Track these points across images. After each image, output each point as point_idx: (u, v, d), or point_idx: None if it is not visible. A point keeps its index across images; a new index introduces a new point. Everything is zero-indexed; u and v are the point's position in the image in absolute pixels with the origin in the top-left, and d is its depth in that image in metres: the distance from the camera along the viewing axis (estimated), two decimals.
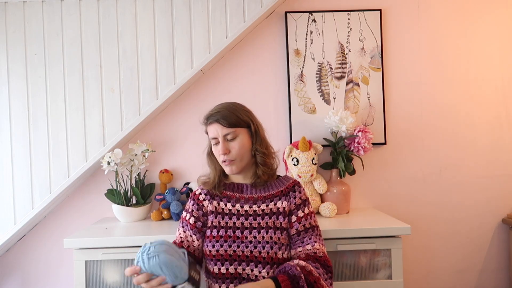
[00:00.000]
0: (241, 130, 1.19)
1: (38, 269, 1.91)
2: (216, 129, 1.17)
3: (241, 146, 1.17)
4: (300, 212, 1.20)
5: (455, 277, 1.97)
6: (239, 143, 1.17)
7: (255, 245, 1.13)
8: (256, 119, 1.25)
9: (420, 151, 1.97)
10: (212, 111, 1.20)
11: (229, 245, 1.14)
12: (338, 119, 1.77)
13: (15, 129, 1.77)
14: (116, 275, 1.49)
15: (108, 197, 1.80)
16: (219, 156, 1.19)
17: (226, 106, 1.20)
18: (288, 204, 1.20)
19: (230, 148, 1.17)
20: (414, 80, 1.96)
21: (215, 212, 1.21)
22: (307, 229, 1.18)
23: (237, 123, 1.17)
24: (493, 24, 1.97)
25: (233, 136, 1.17)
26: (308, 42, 1.92)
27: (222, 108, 1.19)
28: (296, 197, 1.21)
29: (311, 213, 1.22)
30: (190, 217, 1.22)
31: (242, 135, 1.18)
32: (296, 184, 1.24)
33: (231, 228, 1.17)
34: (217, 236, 1.16)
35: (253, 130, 1.21)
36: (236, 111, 1.19)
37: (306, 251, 1.14)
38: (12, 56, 1.76)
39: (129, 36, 1.77)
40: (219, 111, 1.18)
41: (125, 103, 1.77)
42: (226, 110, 1.18)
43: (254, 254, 1.13)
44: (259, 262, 1.12)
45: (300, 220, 1.19)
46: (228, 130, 1.16)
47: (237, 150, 1.17)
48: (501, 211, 1.98)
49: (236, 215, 1.19)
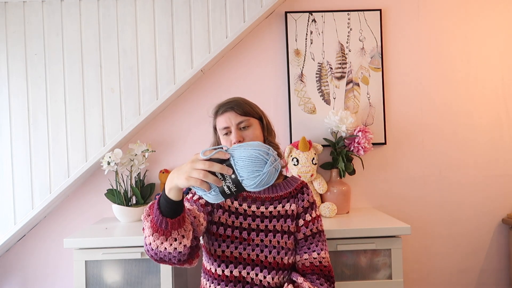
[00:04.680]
0: (254, 121, 1.17)
1: (38, 269, 1.91)
2: (229, 117, 1.14)
3: (254, 136, 1.15)
4: (308, 216, 1.18)
5: (455, 277, 1.97)
6: (253, 132, 1.15)
7: (262, 249, 1.11)
8: (263, 112, 1.24)
9: (420, 151, 1.97)
10: (224, 102, 1.19)
11: (235, 247, 1.10)
12: (338, 119, 1.77)
13: (15, 129, 1.76)
14: (116, 275, 1.49)
15: (108, 197, 1.80)
16: (231, 144, 1.13)
17: (238, 98, 1.20)
18: (297, 206, 1.19)
19: (243, 136, 1.14)
20: (414, 80, 1.96)
21: (223, 208, 1.16)
22: (314, 234, 1.17)
23: (251, 112, 1.17)
24: (493, 23, 1.97)
25: (246, 124, 1.15)
26: (308, 42, 1.92)
27: (234, 99, 1.19)
28: (304, 200, 1.20)
29: (318, 217, 1.21)
30: (195, 195, 1.15)
31: (255, 125, 1.17)
32: (305, 186, 1.23)
33: (237, 229, 1.13)
34: (223, 235, 1.12)
35: (265, 123, 1.20)
36: (248, 102, 1.20)
37: (311, 259, 1.13)
38: (12, 56, 1.76)
39: (129, 36, 1.77)
40: (231, 101, 1.17)
41: (125, 103, 1.77)
42: (240, 100, 1.18)
43: (260, 258, 1.10)
44: (264, 267, 1.09)
45: (308, 224, 1.17)
46: (242, 118, 1.14)
47: (251, 138, 1.14)
48: (501, 211, 1.98)
49: (243, 215, 1.15)
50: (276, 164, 0.81)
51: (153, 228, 0.89)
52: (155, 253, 0.93)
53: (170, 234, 0.89)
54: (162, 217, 0.87)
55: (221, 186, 0.80)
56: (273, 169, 0.80)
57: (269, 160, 0.80)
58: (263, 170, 0.79)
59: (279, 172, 1.21)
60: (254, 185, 0.80)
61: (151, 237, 0.90)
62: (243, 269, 1.09)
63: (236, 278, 1.09)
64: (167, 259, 0.95)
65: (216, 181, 0.79)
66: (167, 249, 0.91)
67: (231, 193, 0.81)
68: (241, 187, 0.81)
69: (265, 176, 0.79)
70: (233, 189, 0.81)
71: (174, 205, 0.87)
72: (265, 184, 0.80)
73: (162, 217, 0.87)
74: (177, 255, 0.93)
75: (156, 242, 0.91)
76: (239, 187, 0.81)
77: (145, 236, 0.94)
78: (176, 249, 0.92)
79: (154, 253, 0.94)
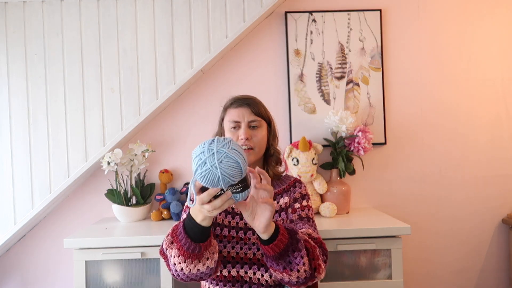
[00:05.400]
0: (264, 123, 1.19)
1: (38, 269, 1.91)
2: (243, 113, 1.16)
3: (262, 137, 1.17)
4: (297, 204, 1.16)
5: (455, 277, 1.97)
6: (261, 133, 1.17)
7: (258, 248, 1.11)
8: (275, 122, 1.26)
9: (420, 151, 1.97)
10: (241, 96, 1.20)
11: (232, 247, 1.12)
12: (338, 119, 1.77)
13: (15, 129, 1.77)
14: (116, 275, 1.49)
15: (108, 197, 1.80)
16: (238, 140, 1.16)
17: (253, 96, 1.22)
18: (289, 199, 1.18)
19: (252, 135, 1.16)
20: (414, 79, 1.96)
21: None
22: (302, 218, 1.14)
23: (263, 114, 1.19)
24: (493, 23, 1.97)
25: (257, 124, 1.17)
26: (308, 42, 1.92)
27: (250, 96, 1.21)
28: (296, 192, 1.19)
29: (309, 206, 1.18)
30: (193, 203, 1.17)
31: (264, 127, 1.19)
32: (297, 181, 1.23)
33: (234, 228, 1.14)
34: (220, 235, 1.13)
35: (272, 129, 1.23)
36: (263, 104, 1.22)
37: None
38: (12, 56, 1.76)
39: (129, 36, 1.77)
40: (248, 98, 1.19)
41: (125, 103, 1.77)
42: (256, 99, 1.20)
43: (257, 256, 1.11)
44: (261, 265, 1.10)
45: (296, 210, 1.15)
46: (255, 117, 1.16)
47: (259, 139, 1.16)
48: (501, 211, 1.98)
49: (240, 215, 1.16)
50: (219, 144, 0.82)
51: (185, 255, 0.92)
52: (187, 276, 0.97)
53: (203, 256, 0.94)
54: (195, 244, 0.91)
55: (233, 194, 0.84)
56: (221, 150, 0.81)
57: (208, 153, 0.81)
58: (218, 160, 0.80)
59: (277, 169, 1.23)
60: (238, 173, 0.81)
61: (182, 264, 0.94)
62: (240, 268, 1.11)
63: (234, 278, 1.10)
64: (199, 278, 0.99)
65: (227, 202, 0.84)
66: (200, 270, 0.95)
67: (242, 188, 0.84)
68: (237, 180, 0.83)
69: (227, 159, 0.80)
70: (239, 187, 0.84)
71: (206, 230, 0.92)
72: (239, 162, 0.81)
73: (194, 244, 0.91)
74: (209, 271, 0.98)
75: (189, 267, 0.94)
76: (238, 182, 0.83)
77: (173, 263, 0.96)
78: (209, 267, 0.97)
79: (186, 277, 0.97)
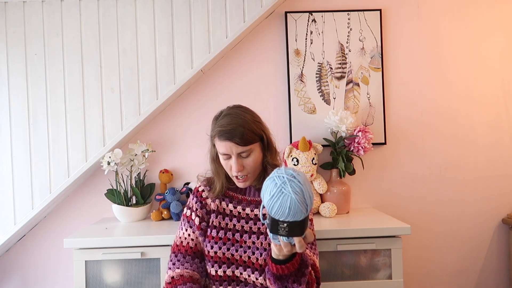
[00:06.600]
0: (255, 146, 1.14)
1: (38, 269, 1.91)
2: (230, 147, 1.10)
3: (254, 162, 1.14)
4: None
5: (455, 277, 1.97)
6: (253, 159, 1.13)
7: (253, 251, 1.13)
8: (265, 126, 1.19)
9: (420, 151, 1.97)
10: (224, 127, 1.11)
11: (227, 248, 1.14)
12: (338, 119, 1.77)
13: (15, 129, 1.76)
14: (116, 275, 1.49)
15: (108, 197, 1.80)
16: (231, 171, 1.15)
17: (240, 122, 1.11)
18: None
19: (244, 164, 1.13)
20: (414, 80, 1.96)
21: (216, 211, 1.20)
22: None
23: (252, 139, 1.11)
24: (493, 23, 1.97)
25: (247, 154, 1.12)
26: (308, 42, 1.92)
27: (236, 125, 1.10)
28: None
29: (311, 220, 1.20)
30: (195, 217, 1.20)
31: (256, 150, 1.14)
32: None
33: (230, 230, 1.16)
34: (216, 237, 1.16)
35: (265, 142, 1.17)
36: (249, 126, 1.12)
37: None
38: (12, 56, 1.76)
39: (129, 36, 1.77)
40: (233, 129, 1.09)
41: (125, 103, 1.77)
42: (241, 127, 1.10)
43: (252, 260, 1.12)
44: (256, 269, 1.12)
45: None
46: (243, 149, 1.10)
47: (251, 166, 1.13)
48: (501, 211, 1.98)
49: (237, 217, 1.18)
50: (281, 184, 0.87)
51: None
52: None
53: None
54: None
55: (281, 237, 0.89)
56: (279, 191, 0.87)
57: (281, 188, 0.88)
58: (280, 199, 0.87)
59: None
60: (283, 214, 0.87)
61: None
62: (236, 269, 1.13)
63: (230, 278, 1.13)
64: None
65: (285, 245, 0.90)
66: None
67: (289, 231, 0.88)
68: (282, 224, 0.88)
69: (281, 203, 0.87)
70: (285, 230, 0.88)
71: None
72: (295, 203, 0.86)
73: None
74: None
75: None
76: (283, 227, 0.88)
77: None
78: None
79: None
